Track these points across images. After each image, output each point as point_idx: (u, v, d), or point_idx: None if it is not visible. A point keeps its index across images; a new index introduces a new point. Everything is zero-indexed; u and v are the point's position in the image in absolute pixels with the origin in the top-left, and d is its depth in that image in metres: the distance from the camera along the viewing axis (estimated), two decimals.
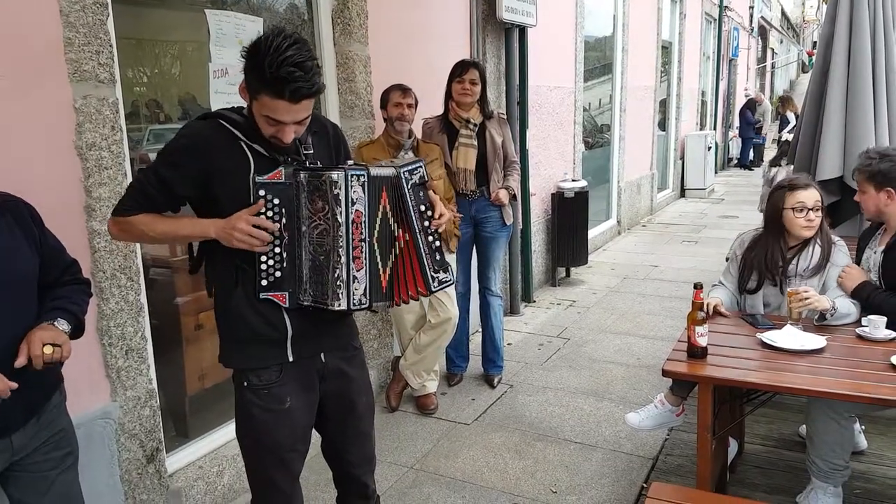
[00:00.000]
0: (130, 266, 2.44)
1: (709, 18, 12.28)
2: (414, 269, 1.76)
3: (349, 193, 1.67)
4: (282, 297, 1.75)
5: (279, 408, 1.84)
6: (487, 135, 3.73)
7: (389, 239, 1.75)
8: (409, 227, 1.74)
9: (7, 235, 1.63)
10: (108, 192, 2.34)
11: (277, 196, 1.69)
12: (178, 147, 1.75)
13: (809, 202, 2.67)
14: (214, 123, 1.75)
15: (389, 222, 1.74)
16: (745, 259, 2.83)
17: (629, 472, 3.08)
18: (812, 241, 2.71)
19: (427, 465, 3.19)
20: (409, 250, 1.76)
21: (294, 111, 1.64)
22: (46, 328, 1.61)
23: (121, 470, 2.46)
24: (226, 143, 1.73)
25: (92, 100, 2.28)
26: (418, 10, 4.16)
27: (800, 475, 2.83)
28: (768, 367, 2.34)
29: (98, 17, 2.29)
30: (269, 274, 1.72)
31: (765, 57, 20.56)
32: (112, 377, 2.41)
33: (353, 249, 1.69)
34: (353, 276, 1.70)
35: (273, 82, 1.58)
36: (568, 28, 6.33)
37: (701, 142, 11.07)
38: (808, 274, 2.70)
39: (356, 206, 1.68)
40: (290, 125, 1.67)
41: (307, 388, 1.90)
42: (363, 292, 1.72)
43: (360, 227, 1.69)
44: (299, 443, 1.93)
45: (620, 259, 7.10)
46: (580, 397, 3.85)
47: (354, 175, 1.67)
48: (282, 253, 1.72)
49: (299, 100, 1.62)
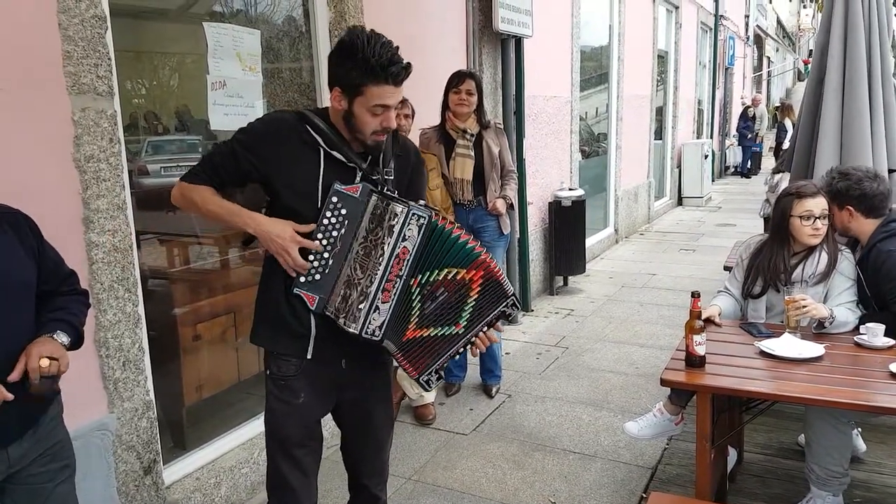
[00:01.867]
0: (128, 277, 2.44)
1: (704, 27, 12.35)
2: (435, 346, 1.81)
3: (403, 230, 1.73)
4: (312, 298, 1.79)
5: (293, 401, 1.89)
6: (484, 145, 3.74)
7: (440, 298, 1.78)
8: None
9: (6, 247, 1.63)
10: (106, 203, 2.35)
11: (346, 207, 1.76)
12: (255, 130, 1.82)
13: (817, 210, 2.66)
14: (296, 122, 1.81)
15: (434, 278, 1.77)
16: (751, 264, 2.83)
17: (628, 482, 3.07)
18: (819, 248, 2.70)
19: (425, 476, 3.18)
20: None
21: (397, 94, 1.75)
22: (45, 341, 1.62)
23: (118, 482, 2.45)
24: (300, 142, 1.79)
25: (90, 112, 2.29)
26: (415, 22, 4.18)
27: (799, 484, 2.82)
28: (767, 375, 2.34)
29: (97, 31, 2.30)
30: (310, 274, 1.78)
31: (761, 65, 20.66)
32: (109, 388, 2.40)
33: (387, 282, 1.74)
34: (377, 305, 1.74)
35: (380, 69, 1.69)
36: (564, 38, 6.36)
37: (697, 150, 11.11)
38: (814, 281, 2.68)
39: (405, 244, 1.73)
40: (393, 110, 1.76)
41: (323, 388, 1.93)
42: (379, 325, 1.75)
43: (400, 264, 1.73)
44: (308, 440, 1.95)
45: (618, 267, 7.11)
46: (578, 407, 3.84)
47: (415, 215, 1.73)
48: (328, 259, 1.77)
49: (401, 81, 1.74)
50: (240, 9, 3.26)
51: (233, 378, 3.27)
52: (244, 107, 3.03)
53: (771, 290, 2.77)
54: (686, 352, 2.42)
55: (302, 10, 3.52)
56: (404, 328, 1.79)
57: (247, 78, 3.02)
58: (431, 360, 1.81)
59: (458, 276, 1.77)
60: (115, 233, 2.38)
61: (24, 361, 1.56)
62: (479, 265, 1.77)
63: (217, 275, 3.19)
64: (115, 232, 2.38)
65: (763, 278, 2.78)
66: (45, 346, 1.60)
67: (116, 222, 2.39)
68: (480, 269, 1.77)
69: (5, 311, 1.60)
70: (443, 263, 1.76)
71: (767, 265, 2.75)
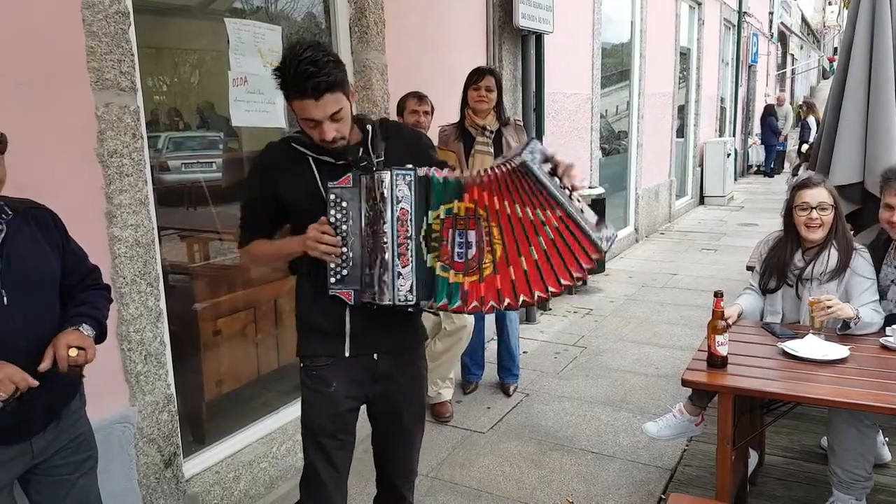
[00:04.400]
0: (150, 272, 2.46)
1: (728, 24, 12.20)
2: (579, 240, 1.73)
3: (394, 192, 1.73)
4: (348, 294, 1.81)
5: (324, 389, 1.94)
6: (504, 141, 3.72)
7: (513, 232, 1.73)
8: (557, 204, 1.72)
9: (32, 242, 1.67)
10: (128, 198, 2.37)
11: (345, 199, 1.78)
12: (251, 172, 2.00)
13: (813, 201, 2.63)
14: (283, 145, 1.91)
15: (511, 216, 1.73)
16: (766, 259, 2.82)
17: (647, 483, 3.05)
18: (828, 245, 2.66)
19: (442, 474, 3.18)
20: (565, 226, 1.73)
21: (321, 106, 1.72)
22: (71, 332, 1.65)
23: (138, 474, 2.48)
24: (292, 160, 1.87)
25: (114, 108, 2.31)
26: (435, 18, 4.17)
27: (821, 488, 2.78)
28: (790, 376, 2.30)
29: (120, 27, 2.32)
30: (336, 272, 1.81)
31: (784, 63, 20.37)
32: (131, 382, 2.43)
33: (399, 246, 1.74)
34: (398, 272, 1.75)
35: (295, 83, 1.71)
36: (585, 35, 6.32)
37: (720, 149, 10.98)
38: (826, 278, 2.64)
39: (401, 205, 1.74)
40: (326, 122, 1.74)
41: (355, 380, 1.96)
42: (409, 289, 1.76)
43: (405, 226, 1.74)
44: (339, 431, 1.98)
45: (638, 267, 7.05)
46: (597, 407, 3.82)
47: (400, 174, 1.73)
48: (348, 252, 1.79)
49: (321, 94, 1.70)
50: (260, 5, 3.28)
51: (252, 373, 3.30)
52: (265, 103, 3.05)
53: (786, 289, 2.74)
54: (708, 352, 2.39)
55: (322, 6, 3.53)
56: (425, 277, 1.76)
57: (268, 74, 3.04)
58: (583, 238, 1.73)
59: (460, 209, 1.74)
60: (137, 227, 2.41)
61: (52, 351, 1.59)
62: (469, 187, 1.74)
63: (237, 270, 3.21)
64: (138, 227, 2.41)
65: (775, 274, 2.76)
66: (71, 336, 1.63)
67: (139, 217, 2.41)
68: (475, 189, 1.73)
69: (32, 303, 1.63)
70: (438, 203, 1.75)
71: (777, 260, 2.75)
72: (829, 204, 2.65)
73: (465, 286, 1.76)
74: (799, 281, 2.69)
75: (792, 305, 2.76)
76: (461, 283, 1.76)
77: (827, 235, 2.67)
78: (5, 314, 1.57)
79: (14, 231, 1.63)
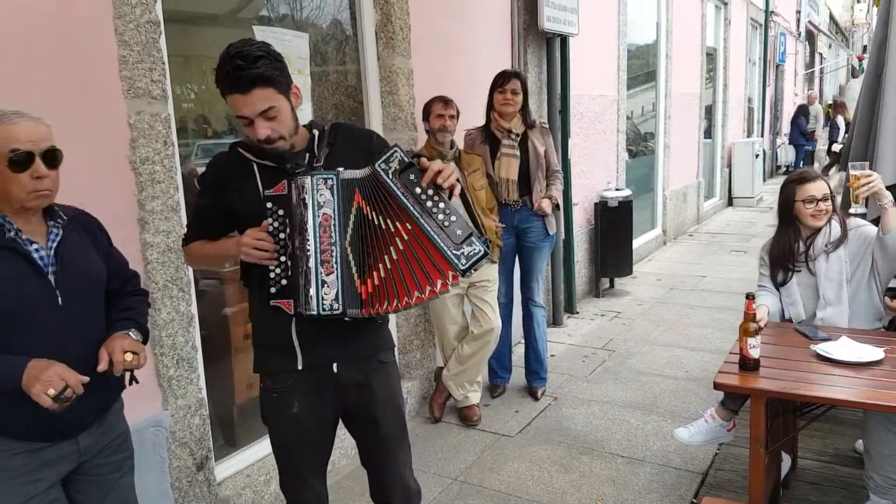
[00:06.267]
0: (182, 277, 2.50)
1: (754, 24, 12.04)
2: (431, 256, 1.66)
3: (315, 196, 1.68)
4: (288, 304, 1.76)
5: (286, 411, 1.90)
6: (530, 144, 3.72)
7: (377, 239, 1.70)
8: (408, 216, 1.66)
9: (83, 247, 1.73)
10: (160, 205, 2.41)
11: (282, 207, 1.74)
12: (201, 179, 1.98)
13: (819, 194, 2.73)
14: (232, 151, 1.89)
15: (373, 222, 1.69)
16: (772, 256, 2.87)
17: (678, 487, 3.01)
18: (828, 222, 2.76)
19: (471, 478, 3.17)
20: (416, 239, 1.67)
21: (250, 102, 1.68)
22: (124, 337, 1.70)
23: (171, 477, 2.51)
24: (239, 167, 1.85)
25: (145, 115, 2.36)
26: (460, 23, 4.19)
27: (857, 492, 2.72)
28: (824, 379, 2.26)
29: (151, 36, 2.37)
30: (276, 282, 1.77)
31: (813, 62, 20.02)
32: (164, 386, 2.47)
33: (322, 253, 1.70)
34: (322, 280, 1.70)
35: (223, 77, 1.68)
36: (610, 36, 6.28)
37: (748, 149, 10.82)
38: (832, 248, 2.73)
39: (323, 210, 1.69)
40: (259, 120, 1.70)
41: (317, 396, 1.91)
42: (334, 297, 1.70)
43: (328, 231, 1.69)
44: (309, 450, 1.96)
45: (666, 269, 6.98)
46: (627, 411, 3.78)
47: (321, 178, 1.69)
48: (287, 261, 1.75)
49: (247, 88, 1.66)
50: (286, 13, 3.31)
51: None
52: None
53: (797, 275, 2.80)
54: (740, 354, 2.36)
55: (349, 12, 3.56)
56: (353, 287, 1.71)
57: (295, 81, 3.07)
58: (442, 260, 1.64)
59: (352, 207, 1.70)
60: (168, 233, 2.45)
61: (106, 353, 1.64)
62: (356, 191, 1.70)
63: None
64: (169, 233, 2.45)
65: (785, 264, 2.81)
66: (125, 340, 1.68)
67: (170, 223, 2.45)
68: (357, 192, 1.69)
69: (83, 306, 1.69)
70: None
71: (786, 250, 2.81)
72: (830, 194, 2.78)
73: (362, 293, 1.72)
74: (807, 260, 2.77)
75: (808, 287, 2.79)
76: (359, 289, 1.72)
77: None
78: (60, 314, 1.62)
79: (68, 235, 1.69)
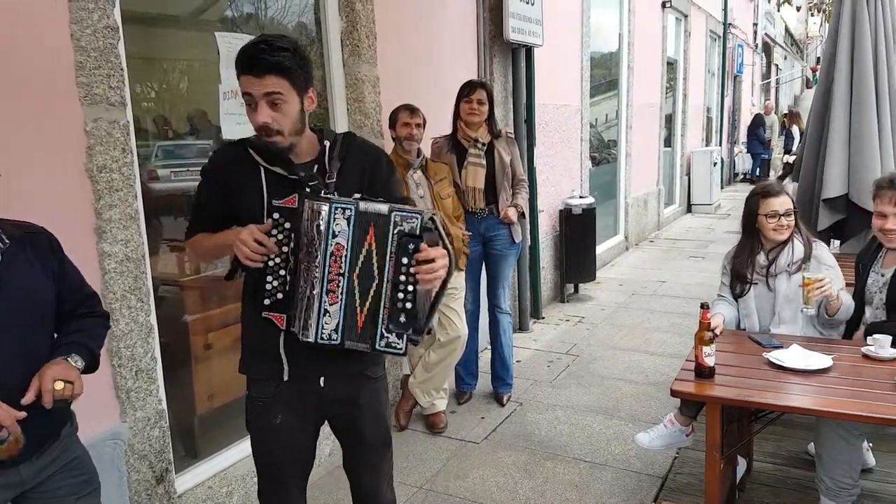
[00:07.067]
0: (140, 287, 2.46)
1: (713, 36, 12.33)
2: (367, 315, 1.68)
3: (331, 226, 1.67)
4: (280, 319, 1.75)
5: (270, 422, 1.89)
6: (496, 153, 3.75)
7: (371, 277, 1.69)
8: (378, 272, 1.67)
9: (27, 270, 1.63)
10: (118, 214, 2.37)
11: (289, 220, 1.71)
12: (204, 172, 1.90)
13: (781, 209, 2.80)
14: (239, 148, 1.83)
15: (373, 260, 1.68)
16: (732, 266, 2.95)
17: (638, 492, 3.06)
18: (791, 239, 2.83)
19: (437, 485, 3.18)
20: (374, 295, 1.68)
21: (260, 84, 1.67)
22: (59, 363, 1.61)
23: (130, 491, 2.46)
24: (244, 167, 1.80)
25: (103, 123, 2.32)
26: (426, 32, 4.21)
27: (809, 493, 2.80)
28: (776, 386, 2.33)
29: (109, 41, 2.33)
30: (271, 294, 1.74)
31: (769, 73, 20.58)
32: (122, 398, 2.42)
33: (329, 283, 1.68)
34: (325, 309, 1.69)
35: (242, 57, 1.68)
36: (574, 47, 6.38)
37: (707, 158, 11.07)
38: (794, 269, 2.78)
39: (337, 240, 1.67)
40: (262, 102, 1.68)
41: (302, 409, 1.90)
42: (334, 328, 1.69)
43: (338, 261, 1.67)
44: (291, 461, 1.95)
45: (628, 275, 7.10)
46: (589, 415, 3.83)
47: (340, 208, 1.67)
48: (286, 276, 1.73)
49: (263, 73, 1.66)
50: (251, 13, 3.29)
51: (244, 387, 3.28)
52: None
53: (755, 287, 2.86)
54: (696, 363, 2.41)
55: (314, 18, 3.55)
56: (355, 320, 1.70)
57: None
58: (369, 324, 1.68)
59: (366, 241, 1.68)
60: (127, 243, 2.40)
61: (38, 383, 1.55)
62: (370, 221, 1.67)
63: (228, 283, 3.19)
64: (128, 242, 2.41)
65: (743, 277, 2.88)
66: (58, 368, 1.59)
67: (129, 232, 2.41)
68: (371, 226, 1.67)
69: (23, 331, 1.60)
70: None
71: (747, 262, 2.88)
72: (793, 209, 2.84)
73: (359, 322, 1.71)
74: (768, 276, 2.83)
75: (765, 303, 2.86)
76: (359, 321, 1.70)
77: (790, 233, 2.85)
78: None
79: (9, 259, 1.60)
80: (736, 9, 13.60)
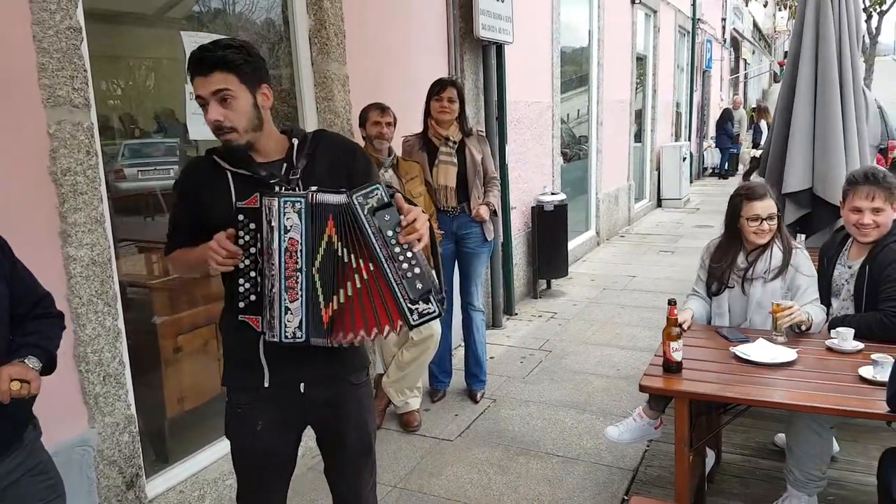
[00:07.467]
0: (108, 291, 2.42)
1: (682, 31, 12.48)
2: (385, 301, 1.64)
3: (282, 220, 1.64)
4: (256, 321, 1.72)
5: (250, 429, 1.87)
6: (467, 152, 3.76)
7: (338, 271, 1.66)
8: (371, 256, 1.63)
9: None
10: (83, 217, 2.33)
11: (253, 221, 1.69)
12: (175, 187, 1.91)
13: (764, 213, 2.77)
14: (206, 158, 1.83)
15: (338, 253, 1.65)
16: (710, 264, 2.94)
17: (610, 485, 3.10)
18: (771, 244, 2.80)
19: (411, 484, 3.19)
20: (374, 281, 1.65)
21: (207, 82, 1.67)
22: (16, 364, 1.59)
23: (100, 497, 2.43)
24: (212, 177, 1.79)
25: (66, 125, 2.28)
26: (396, 29, 4.19)
27: (777, 483, 2.87)
28: (743, 380, 2.38)
29: (72, 43, 2.29)
30: (244, 297, 1.72)
31: (737, 68, 20.91)
32: (90, 404, 2.39)
33: (287, 279, 1.65)
34: (286, 307, 1.66)
35: (190, 60, 1.69)
36: (544, 44, 6.41)
37: (676, 153, 11.22)
38: (771, 276, 2.77)
39: (290, 234, 1.64)
40: (212, 101, 1.68)
41: (283, 416, 1.88)
42: (297, 325, 1.66)
43: (294, 257, 1.64)
44: (272, 466, 1.94)
45: (600, 270, 7.17)
46: (562, 410, 3.87)
47: (289, 202, 1.64)
48: (257, 277, 1.71)
49: (208, 71, 1.67)
50: (216, 15, 3.25)
51: (215, 389, 3.24)
52: None
53: (730, 290, 2.85)
54: (663, 358, 2.45)
55: (281, 16, 3.52)
56: (319, 315, 1.67)
57: None
58: (394, 306, 1.64)
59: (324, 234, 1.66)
60: (93, 246, 2.37)
61: None
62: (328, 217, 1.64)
63: (198, 284, 3.17)
64: (94, 245, 2.37)
65: (721, 276, 2.87)
66: (15, 368, 1.58)
67: (94, 236, 2.37)
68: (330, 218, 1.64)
69: None
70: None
71: (723, 263, 2.86)
72: (776, 213, 2.80)
73: (325, 321, 1.68)
74: (744, 280, 2.81)
75: (738, 305, 2.87)
76: (324, 318, 1.67)
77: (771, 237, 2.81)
78: None
79: None
80: (704, 4, 13.79)
